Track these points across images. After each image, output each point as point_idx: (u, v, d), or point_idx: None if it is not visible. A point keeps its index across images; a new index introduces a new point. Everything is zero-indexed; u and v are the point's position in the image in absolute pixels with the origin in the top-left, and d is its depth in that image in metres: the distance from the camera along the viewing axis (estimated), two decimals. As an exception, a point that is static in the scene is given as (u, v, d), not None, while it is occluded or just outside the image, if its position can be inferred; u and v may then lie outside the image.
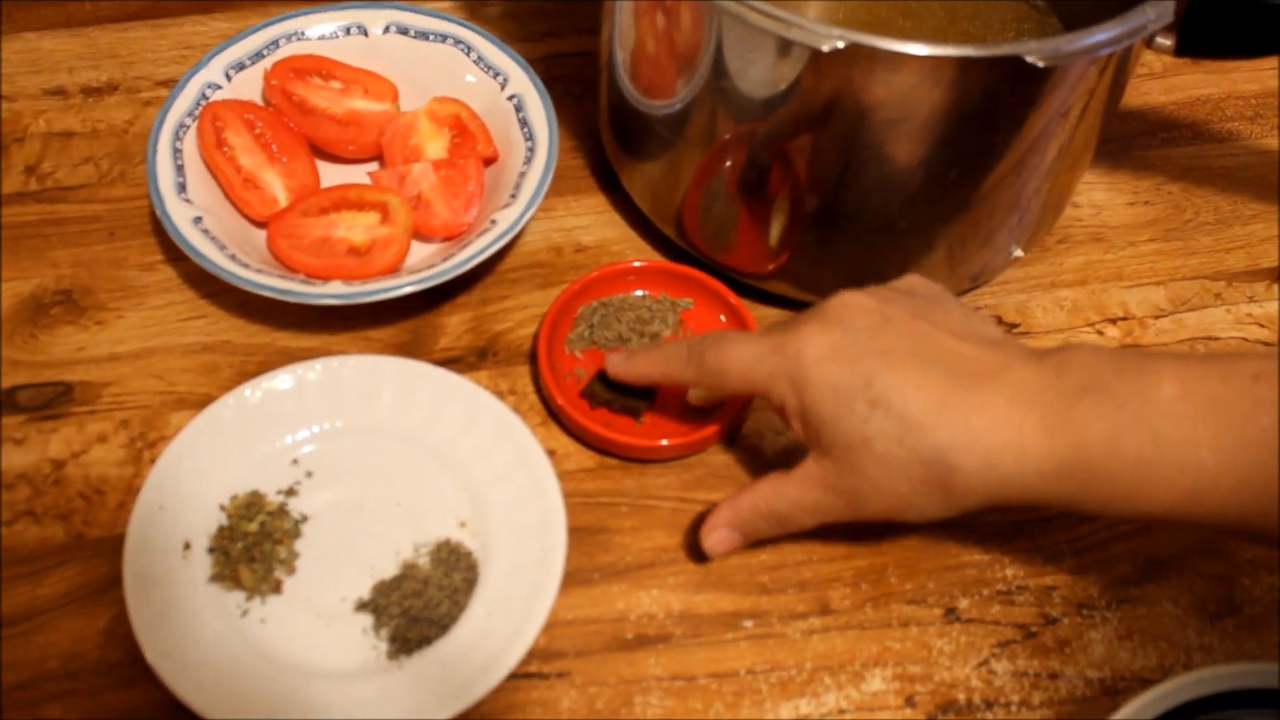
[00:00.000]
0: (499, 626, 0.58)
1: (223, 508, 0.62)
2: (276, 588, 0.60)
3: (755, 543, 0.62)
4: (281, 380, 0.65)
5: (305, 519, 0.62)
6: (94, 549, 0.62)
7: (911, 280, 0.60)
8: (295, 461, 0.64)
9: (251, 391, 0.64)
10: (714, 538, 0.60)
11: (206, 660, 0.57)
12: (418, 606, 0.59)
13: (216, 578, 0.60)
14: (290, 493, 0.63)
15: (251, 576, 0.60)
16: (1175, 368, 0.51)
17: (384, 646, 0.59)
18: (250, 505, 0.62)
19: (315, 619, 0.59)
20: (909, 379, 0.53)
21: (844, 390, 0.54)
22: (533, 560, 0.60)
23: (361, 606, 0.60)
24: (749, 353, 0.57)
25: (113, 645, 0.59)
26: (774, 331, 0.58)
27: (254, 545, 0.60)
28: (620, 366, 0.64)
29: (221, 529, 0.61)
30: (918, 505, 0.54)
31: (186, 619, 0.58)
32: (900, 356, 0.54)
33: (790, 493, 0.58)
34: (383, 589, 0.60)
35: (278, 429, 0.64)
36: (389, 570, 0.61)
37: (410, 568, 0.61)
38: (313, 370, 0.65)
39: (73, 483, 0.64)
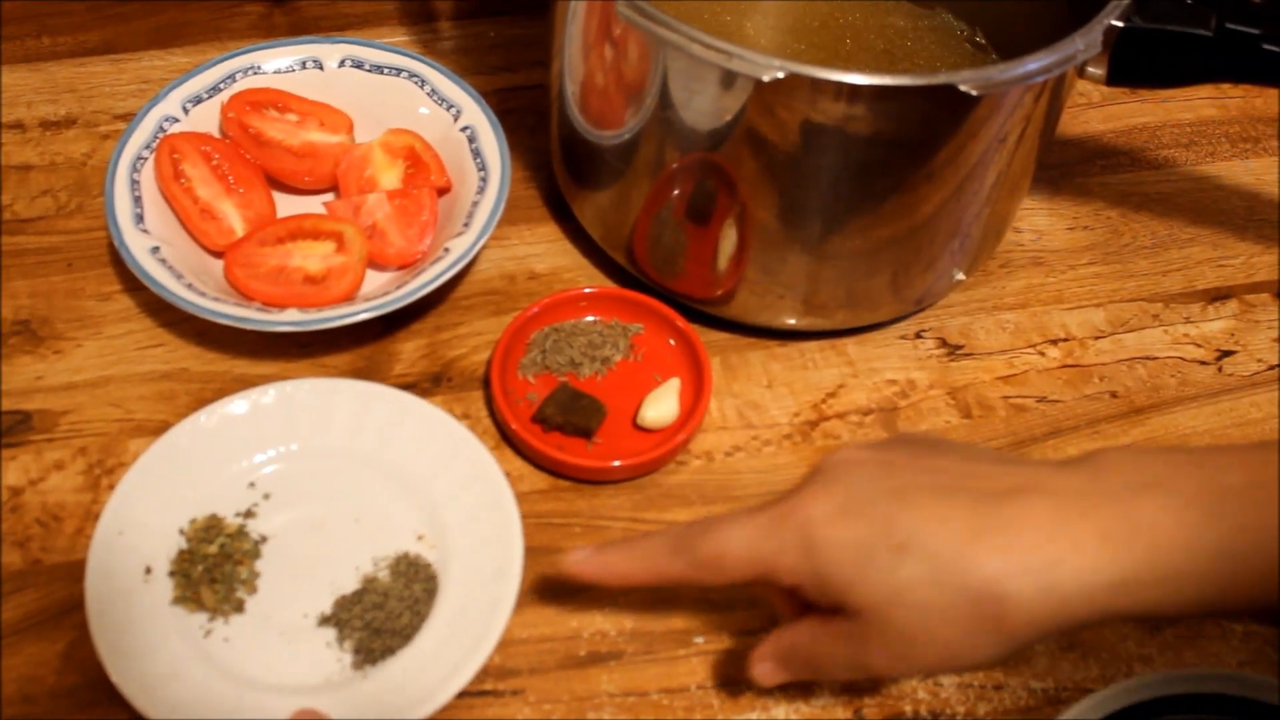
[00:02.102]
0: (461, 633, 0.60)
1: (182, 532, 0.62)
2: (239, 607, 0.61)
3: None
4: (236, 405, 0.65)
5: (264, 539, 0.63)
6: (50, 574, 0.62)
7: (903, 434, 0.57)
8: (253, 484, 0.65)
9: (207, 417, 0.65)
10: (759, 669, 0.55)
11: (172, 682, 0.57)
12: (380, 618, 0.60)
13: (179, 600, 0.60)
14: (249, 515, 0.64)
15: (213, 597, 0.60)
16: (1234, 455, 0.48)
17: (348, 659, 0.60)
18: (209, 528, 0.62)
19: (278, 636, 0.60)
20: (933, 513, 0.48)
21: (863, 544, 0.48)
22: (493, 567, 0.61)
23: (324, 621, 0.61)
24: (748, 532, 0.51)
25: (70, 669, 0.59)
26: (769, 505, 0.52)
27: (215, 567, 0.61)
28: (588, 565, 0.56)
29: (182, 553, 0.62)
30: (971, 651, 0.48)
31: (151, 642, 0.59)
32: (916, 493, 0.49)
33: (828, 647, 0.52)
34: (344, 603, 0.61)
35: (234, 453, 0.65)
36: (349, 585, 0.62)
37: (370, 581, 0.62)
38: (267, 395, 0.66)
39: (30, 509, 0.64)
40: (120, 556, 0.60)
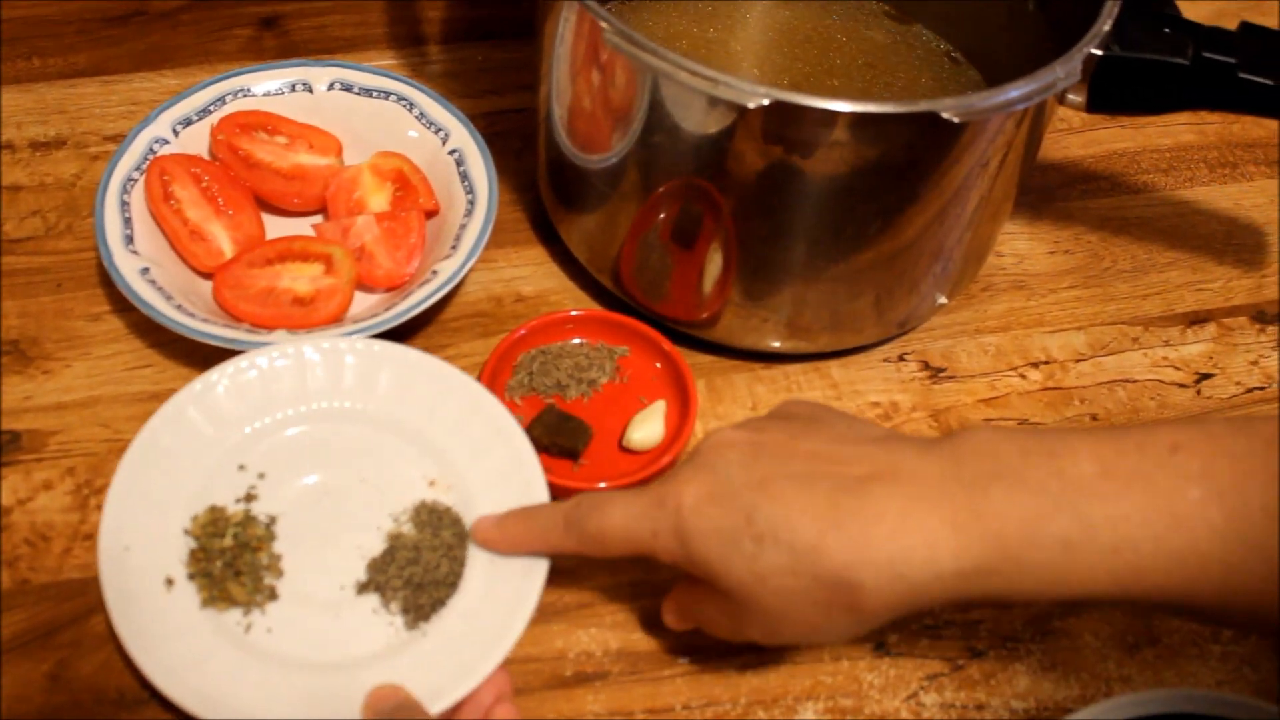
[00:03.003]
0: (507, 565, 0.59)
1: (187, 531, 0.60)
2: (272, 594, 0.59)
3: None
4: (206, 384, 0.63)
5: (274, 520, 0.61)
6: (39, 594, 0.63)
7: (788, 404, 0.59)
8: (242, 467, 0.63)
9: (173, 409, 0.63)
10: (668, 618, 0.60)
11: (231, 687, 0.56)
12: (418, 573, 0.59)
13: (208, 601, 0.59)
14: (249, 498, 0.62)
15: (243, 591, 0.59)
16: (1088, 445, 0.49)
17: (399, 620, 0.59)
18: (214, 521, 0.60)
19: (321, 613, 0.59)
20: (793, 504, 0.50)
21: (727, 532, 0.51)
22: (518, 493, 0.61)
23: (363, 588, 0.60)
24: (629, 513, 0.54)
25: (58, 689, 0.60)
26: (653, 486, 0.55)
27: (234, 559, 0.59)
28: (490, 532, 0.59)
29: (194, 552, 0.60)
30: (831, 629, 0.52)
31: (197, 653, 0.57)
32: (780, 482, 0.51)
33: (712, 614, 0.56)
34: (377, 565, 0.60)
35: (212, 441, 0.63)
36: (377, 546, 0.61)
37: (396, 538, 0.61)
38: (228, 373, 0.64)
39: (18, 529, 0.65)
40: (134, 575, 0.59)
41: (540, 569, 0.58)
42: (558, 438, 0.68)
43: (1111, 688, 0.63)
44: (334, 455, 0.64)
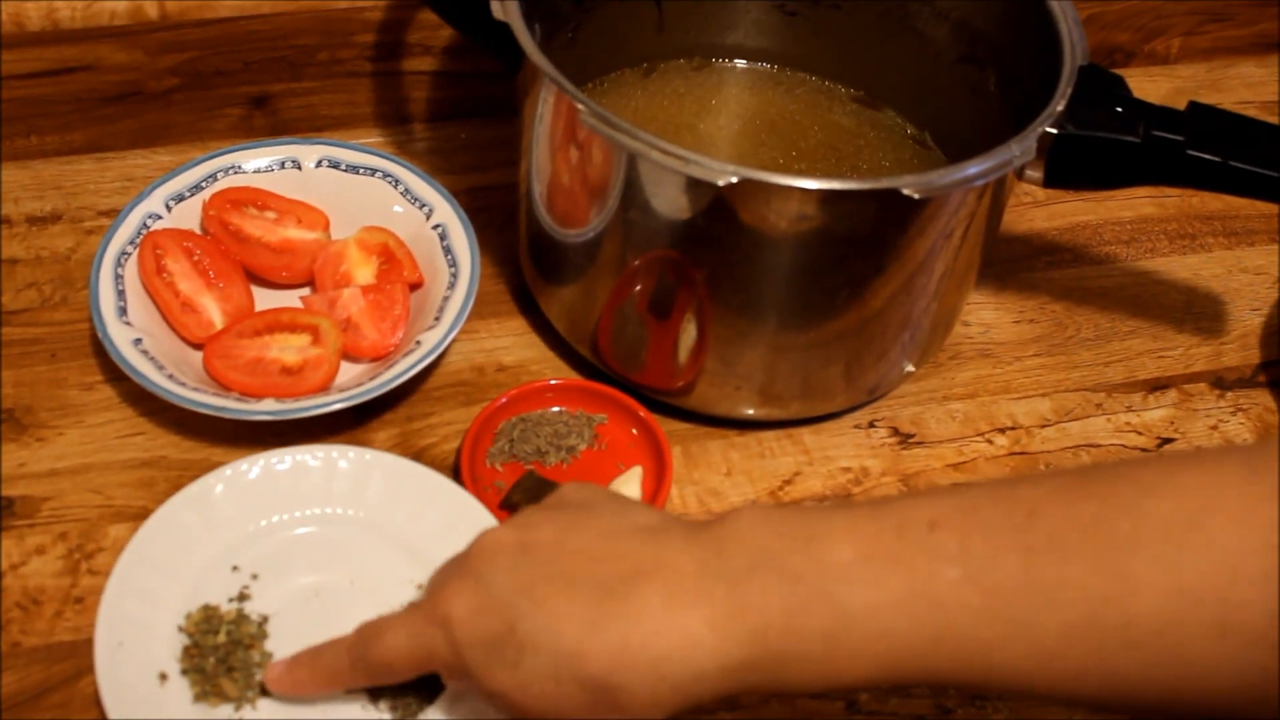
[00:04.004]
0: None
1: (181, 629, 0.62)
2: (262, 690, 0.61)
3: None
4: (197, 492, 0.66)
5: (266, 619, 0.63)
6: (29, 657, 0.64)
7: (564, 492, 0.58)
8: (236, 568, 0.65)
9: (168, 513, 0.65)
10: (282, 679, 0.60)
11: None
12: None
13: (200, 696, 0.60)
14: (243, 597, 0.64)
15: (234, 686, 0.60)
16: (847, 527, 0.48)
17: (388, 717, 0.60)
18: (208, 619, 0.62)
19: (310, 710, 0.60)
20: (554, 610, 0.50)
21: (493, 641, 0.51)
22: None
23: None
24: (408, 634, 0.54)
25: (48, 750, 0.61)
26: (426, 598, 0.55)
27: (227, 656, 0.61)
28: (281, 679, 0.60)
29: (188, 649, 0.61)
30: None
31: None
32: (543, 588, 0.50)
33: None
34: None
35: (207, 542, 0.65)
36: None
37: None
38: (228, 476, 0.67)
39: (10, 593, 0.66)
40: (129, 670, 0.60)
41: None
42: (537, 503, 0.69)
43: (1080, 745, 0.65)
44: (326, 558, 0.66)
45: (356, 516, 0.67)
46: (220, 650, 0.61)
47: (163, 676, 0.61)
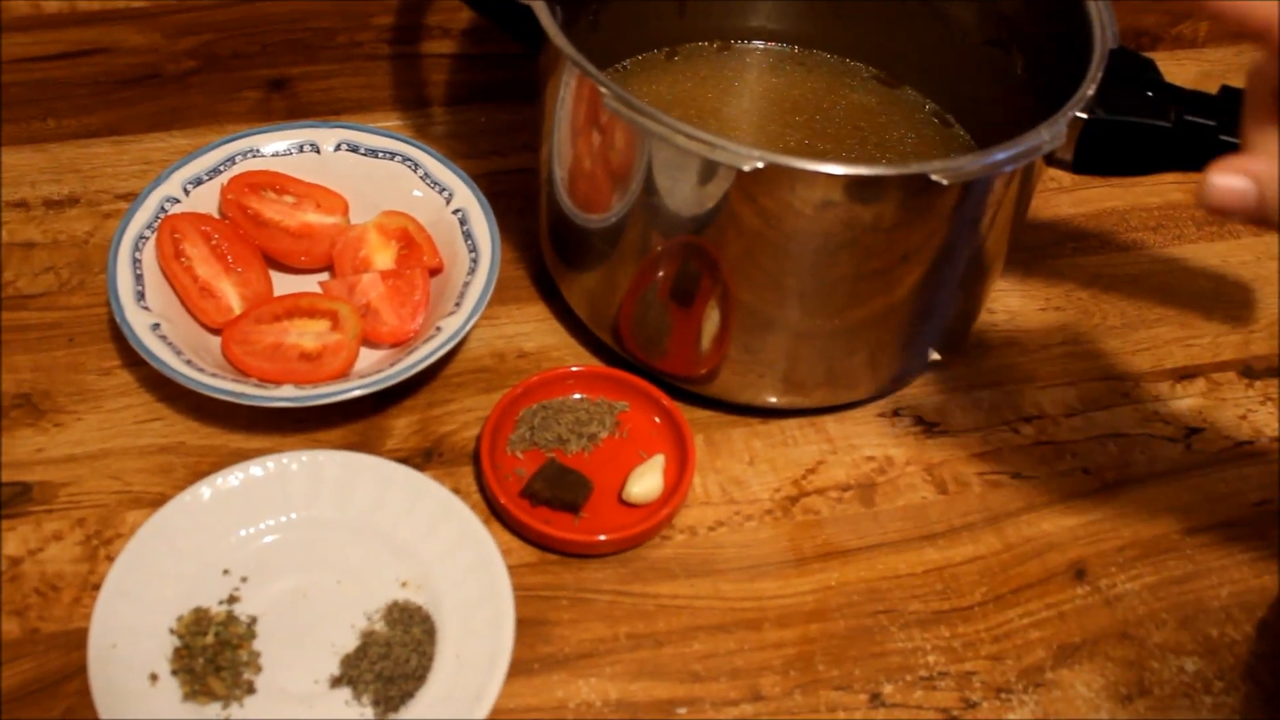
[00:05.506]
0: (472, 658, 0.62)
1: (172, 631, 0.63)
2: (250, 689, 0.62)
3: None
4: (195, 495, 0.67)
5: (255, 620, 0.64)
6: (48, 643, 0.64)
7: None
8: (226, 571, 0.66)
9: (161, 520, 0.66)
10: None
11: None
12: (389, 667, 0.62)
13: (189, 695, 0.61)
14: (232, 599, 0.65)
15: (222, 685, 0.61)
16: None
17: (369, 712, 0.61)
18: (198, 621, 0.63)
19: (297, 705, 0.61)
20: None
21: None
22: (482, 593, 0.64)
23: (336, 682, 0.62)
24: None
25: (66, 738, 0.61)
26: None
27: (215, 656, 0.62)
28: None
29: (178, 650, 0.62)
30: None
31: None
32: None
33: None
34: (350, 661, 0.63)
35: (198, 547, 0.66)
36: (350, 643, 0.64)
37: (369, 635, 0.63)
38: (230, 478, 0.67)
39: (29, 579, 0.66)
40: (120, 670, 0.61)
41: (502, 663, 0.61)
42: (558, 491, 0.69)
43: (1103, 738, 0.64)
44: (313, 559, 0.67)
45: (344, 518, 0.68)
46: (209, 651, 0.62)
47: (153, 677, 0.62)
